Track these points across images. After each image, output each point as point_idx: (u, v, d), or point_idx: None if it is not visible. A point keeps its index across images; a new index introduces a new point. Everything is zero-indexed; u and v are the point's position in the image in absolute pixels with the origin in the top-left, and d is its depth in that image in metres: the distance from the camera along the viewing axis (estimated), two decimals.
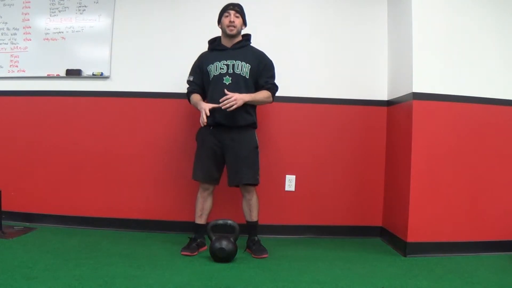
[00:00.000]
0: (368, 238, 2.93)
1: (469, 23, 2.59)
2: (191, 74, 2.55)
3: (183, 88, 2.90)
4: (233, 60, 2.44)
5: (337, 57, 3.00)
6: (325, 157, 2.97)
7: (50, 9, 3.03)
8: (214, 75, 2.44)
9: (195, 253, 2.36)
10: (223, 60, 2.44)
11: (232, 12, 2.44)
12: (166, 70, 2.98)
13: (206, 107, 2.34)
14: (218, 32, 2.57)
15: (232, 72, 2.42)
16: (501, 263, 2.40)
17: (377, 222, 2.96)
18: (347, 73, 2.99)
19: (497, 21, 2.62)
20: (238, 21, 2.45)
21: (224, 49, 2.49)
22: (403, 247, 2.51)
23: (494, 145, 2.60)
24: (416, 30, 2.53)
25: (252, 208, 2.49)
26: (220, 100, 2.31)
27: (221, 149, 2.43)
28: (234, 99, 2.29)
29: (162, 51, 2.98)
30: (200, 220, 2.47)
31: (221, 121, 2.38)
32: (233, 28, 2.44)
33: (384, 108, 2.97)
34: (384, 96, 2.99)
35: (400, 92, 2.72)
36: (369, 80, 3.00)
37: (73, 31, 3.01)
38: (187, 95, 2.56)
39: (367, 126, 2.98)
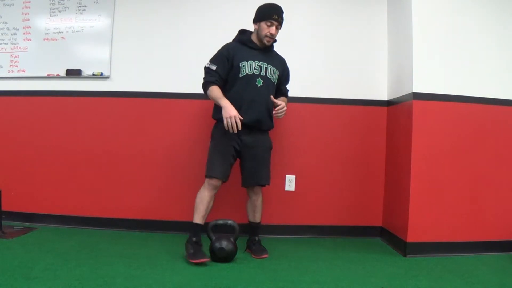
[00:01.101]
0: (368, 238, 2.93)
1: (469, 23, 2.59)
2: (214, 62, 2.34)
3: (183, 88, 2.91)
4: (265, 63, 2.40)
5: (337, 57, 3.00)
6: (325, 157, 2.97)
7: (50, 9, 3.03)
8: (247, 73, 2.34)
9: (208, 258, 2.23)
10: (256, 60, 2.37)
11: (276, 23, 2.35)
12: (166, 70, 2.98)
13: (237, 114, 2.21)
14: (218, 32, 2.57)
15: (264, 75, 2.39)
16: (501, 263, 2.40)
17: (377, 222, 2.97)
18: (347, 73, 2.99)
19: (497, 21, 2.62)
20: (277, 33, 2.40)
21: (256, 48, 2.41)
22: (403, 247, 2.51)
23: (494, 145, 2.60)
24: (416, 30, 2.54)
25: (257, 209, 2.48)
26: (277, 109, 2.34)
27: (239, 149, 2.38)
28: (285, 109, 2.37)
29: (162, 51, 2.98)
30: (203, 220, 2.35)
31: (250, 123, 2.34)
32: (271, 40, 2.38)
33: (384, 108, 2.97)
34: (384, 96, 2.99)
35: (400, 92, 2.72)
36: (369, 80, 3.00)
37: (73, 31, 3.01)
38: (205, 84, 2.34)
39: (367, 126, 2.98)
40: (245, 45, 2.40)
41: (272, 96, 2.38)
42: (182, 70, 2.94)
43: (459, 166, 2.56)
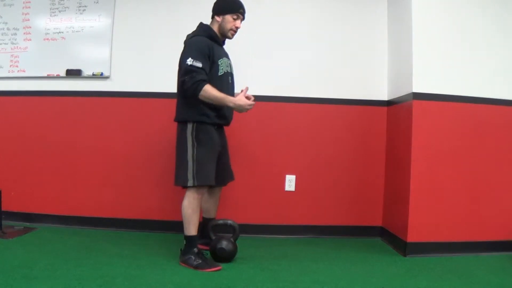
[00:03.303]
0: (368, 238, 2.93)
1: (469, 23, 2.59)
2: (198, 59, 2.10)
3: None
4: (229, 59, 2.37)
5: (337, 57, 3.00)
6: (325, 157, 2.97)
7: (50, 9, 3.03)
8: (224, 71, 2.25)
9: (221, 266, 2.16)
10: (225, 57, 2.32)
11: (241, 17, 2.28)
12: (166, 70, 2.96)
13: (248, 102, 2.14)
14: None
15: (231, 71, 2.36)
16: (501, 263, 2.40)
17: (377, 222, 2.96)
18: (347, 73, 2.99)
19: (497, 21, 2.62)
20: None
21: (220, 43, 2.32)
22: (403, 247, 2.51)
23: (494, 145, 2.60)
24: (416, 30, 2.53)
25: (217, 204, 2.49)
26: (252, 101, 2.19)
27: (220, 150, 2.34)
28: None
29: (162, 51, 2.98)
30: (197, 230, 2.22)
31: (230, 121, 2.35)
32: (234, 33, 2.30)
33: (384, 108, 2.97)
34: (384, 96, 2.99)
35: (400, 92, 2.72)
36: (369, 80, 3.00)
37: (73, 31, 3.01)
38: (197, 83, 2.07)
39: (367, 126, 2.98)
40: (214, 40, 2.26)
41: (244, 89, 2.26)
42: None
43: (459, 166, 2.56)
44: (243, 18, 2.32)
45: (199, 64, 2.10)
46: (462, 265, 2.34)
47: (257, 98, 2.87)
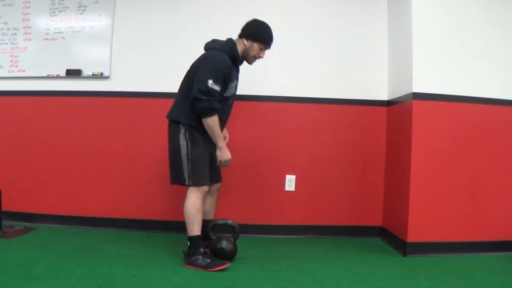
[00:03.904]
0: (368, 238, 2.93)
1: (469, 23, 2.59)
2: (217, 82, 2.10)
3: None
4: (237, 80, 2.32)
5: (337, 57, 3.00)
6: (325, 157, 2.97)
7: (50, 9, 3.03)
8: (231, 93, 2.26)
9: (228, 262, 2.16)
10: (236, 79, 2.29)
11: (268, 48, 2.29)
12: (166, 70, 2.98)
13: (230, 157, 2.24)
14: (216, 32, 2.52)
15: (234, 92, 2.32)
16: (501, 263, 2.40)
17: (377, 222, 2.96)
18: (347, 73, 2.99)
19: (497, 21, 2.62)
20: None
21: (238, 66, 2.32)
22: (403, 247, 2.51)
23: (494, 145, 2.60)
24: (416, 30, 2.53)
25: (215, 205, 2.49)
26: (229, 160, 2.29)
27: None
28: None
29: (162, 51, 2.98)
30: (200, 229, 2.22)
31: (225, 125, 2.36)
32: (255, 61, 2.31)
33: (384, 108, 2.97)
34: (384, 96, 2.99)
35: (400, 92, 2.72)
36: (369, 80, 2.99)
37: (73, 31, 3.02)
38: (210, 110, 2.11)
39: (367, 126, 2.98)
40: (234, 61, 2.24)
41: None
42: (181, 70, 2.93)
43: (459, 166, 2.56)
44: (269, 48, 2.31)
45: (218, 88, 2.11)
46: (462, 265, 2.34)
47: (258, 98, 2.90)
